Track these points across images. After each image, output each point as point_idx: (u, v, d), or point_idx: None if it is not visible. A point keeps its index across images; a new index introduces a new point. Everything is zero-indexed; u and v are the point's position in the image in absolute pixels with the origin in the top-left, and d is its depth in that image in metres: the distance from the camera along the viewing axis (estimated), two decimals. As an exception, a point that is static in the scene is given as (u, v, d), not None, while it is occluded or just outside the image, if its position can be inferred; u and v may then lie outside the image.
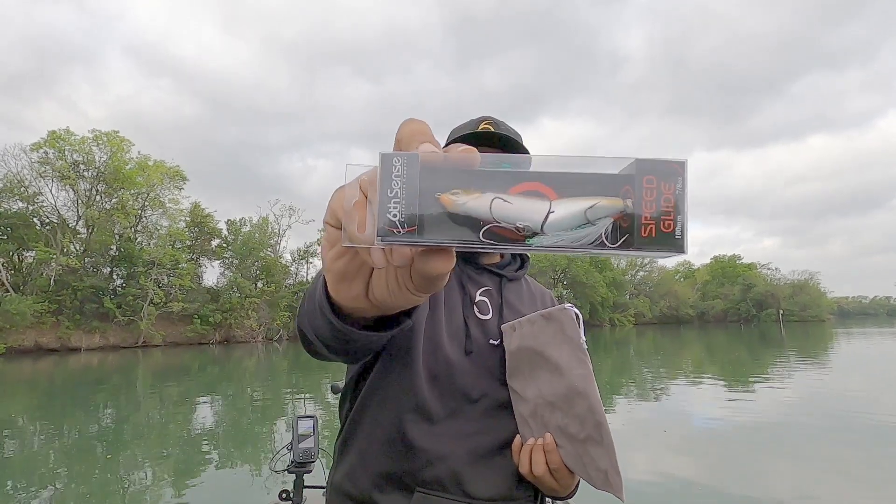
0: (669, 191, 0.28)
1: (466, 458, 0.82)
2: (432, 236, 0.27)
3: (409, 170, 0.27)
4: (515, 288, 1.00)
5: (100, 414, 8.83)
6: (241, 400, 10.14)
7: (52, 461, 5.58)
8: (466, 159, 0.28)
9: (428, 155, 0.28)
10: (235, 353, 25.73)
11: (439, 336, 0.86)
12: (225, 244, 40.83)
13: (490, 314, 0.92)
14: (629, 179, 0.27)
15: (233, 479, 4.69)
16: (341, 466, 0.89)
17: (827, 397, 8.35)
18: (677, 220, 0.28)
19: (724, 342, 26.83)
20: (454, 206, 0.27)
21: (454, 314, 0.90)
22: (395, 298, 0.36)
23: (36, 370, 18.17)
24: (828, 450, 5.16)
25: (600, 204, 0.27)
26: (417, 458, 0.82)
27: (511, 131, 0.96)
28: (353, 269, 0.36)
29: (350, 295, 0.38)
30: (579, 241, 0.27)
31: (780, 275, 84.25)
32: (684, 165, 0.28)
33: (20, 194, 31.14)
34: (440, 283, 0.34)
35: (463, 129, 0.97)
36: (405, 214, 0.27)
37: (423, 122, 0.30)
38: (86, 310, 29.93)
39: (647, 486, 4.16)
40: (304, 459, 1.95)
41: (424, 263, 0.30)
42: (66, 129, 32.10)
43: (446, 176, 0.27)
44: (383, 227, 0.27)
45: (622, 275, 72.98)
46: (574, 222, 0.27)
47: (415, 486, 0.81)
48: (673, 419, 7.03)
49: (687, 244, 0.28)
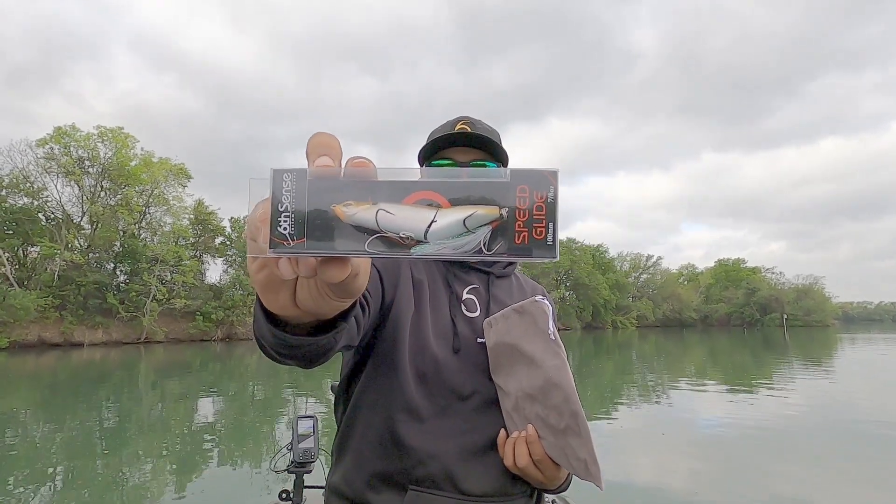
0: (541, 199, 0.29)
1: (458, 456, 0.83)
2: (322, 246, 0.29)
3: (298, 184, 0.29)
4: (505, 285, 1.00)
5: (102, 409, 8.86)
6: (242, 397, 10.16)
7: (54, 456, 5.59)
8: (361, 172, 0.29)
9: (320, 169, 0.29)
10: (237, 350, 25.78)
11: (426, 336, 0.87)
12: (228, 242, 40.95)
13: (478, 311, 0.93)
14: (504, 188, 0.29)
15: (233, 478, 4.68)
16: (338, 468, 0.90)
17: (831, 403, 8.30)
18: (549, 227, 0.29)
19: (727, 346, 26.72)
20: (345, 217, 0.29)
21: (441, 313, 0.90)
22: (320, 306, 0.38)
23: (39, 365, 18.25)
24: (831, 456, 5.12)
25: (477, 213, 0.29)
26: (409, 457, 0.82)
27: (488, 130, 0.96)
28: (275, 281, 0.37)
29: (278, 304, 0.40)
30: (460, 249, 0.29)
31: (785, 279, 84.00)
32: (555, 174, 0.30)
33: (25, 190, 31.32)
34: (352, 289, 0.35)
35: (439, 131, 0.97)
36: (294, 227, 0.29)
37: (331, 135, 0.32)
38: (89, 305, 30.07)
39: (641, 487, 4.13)
40: (304, 459, 1.95)
41: (322, 272, 0.31)
42: (72, 125, 32.29)
43: (343, 188, 0.29)
44: (273, 240, 0.29)
45: (625, 277, 72.89)
46: (454, 231, 0.29)
47: (408, 484, 0.82)
48: (673, 423, 7.00)
49: (558, 250, 0.30)
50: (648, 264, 79.50)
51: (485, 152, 0.93)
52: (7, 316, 25.82)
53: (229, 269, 40.03)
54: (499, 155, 0.94)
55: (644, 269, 79.30)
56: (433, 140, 0.94)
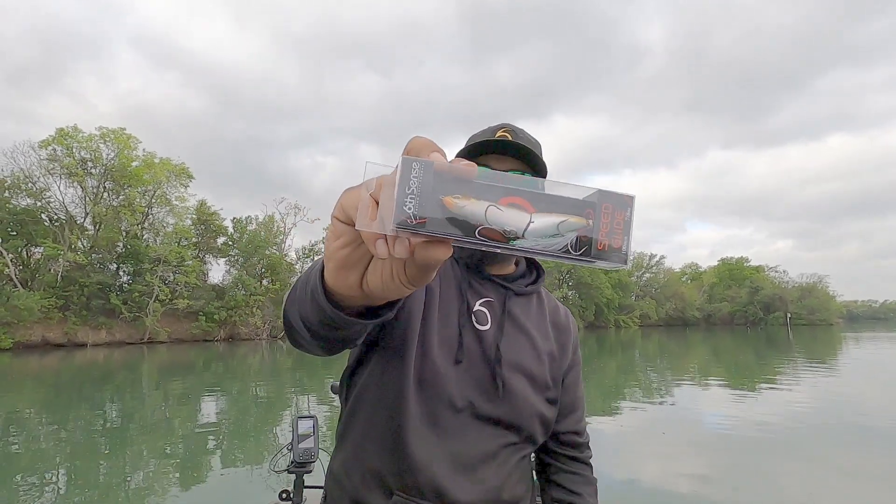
0: (621, 216, 0.36)
1: (447, 467, 0.82)
2: (436, 230, 0.33)
3: (425, 174, 0.33)
4: (523, 302, 0.98)
5: (105, 409, 8.88)
6: (244, 398, 10.17)
7: (57, 455, 5.60)
8: (467, 171, 0.34)
9: (439, 163, 0.33)
10: (240, 350, 25.85)
11: (430, 343, 0.87)
12: (230, 242, 41.04)
13: (489, 325, 0.91)
14: (591, 205, 0.36)
15: (234, 478, 4.68)
16: (339, 455, 0.92)
17: (835, 401, 8.25)
18: (625, 240, 0.36)
19: (731, 345, 26.64)
20: (455, 207, 0.33)
21: (449, 322, 0.89)
22: (387, 288, 0.41)
23: (43, 365, 18.32)
24: (834, 454, 5.09)
25: (570, 220, 0.35)
26: (401, 462, 0.82)
27: (528, 141, 0.94)
28: (355, 259, 0.41)
29: (347, 283, 0.43)
30: (551, 247, 0.35)
31: (789, 278, 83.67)
32: (633, 199, 0.37)
33: (29, 191, 31.46)
34: (431, 275, 0.39)
35: (480, 137, 0.95)
36: (417, 210, 0.33)
37: (431, 139, 0.36)
38: (92, 306, 30.19)
39: (642, 487, 4.11)
40: (304, 459, 1.94)
41: (426, 251, 0.35)
42: (74, 126, 32.39)
43: (450, 182, 0.34)
44: (400, 218, 0.32)
45: (628, 276, 72.72)
46: (549, 232, 0.35)
47: (395, 489, 0.82)
48: (674, 422, 6.97)
49: (630, 259, 0.37)
50: (651, 263, 79.37)
51: (523, 163, 0.91)
52: (11, 316, 25.94)
53: (231, 270, 40.14)
54: (537, 166, 0.92)
55: (647, 268, 79.14)
56: (474, 145, 0.93)
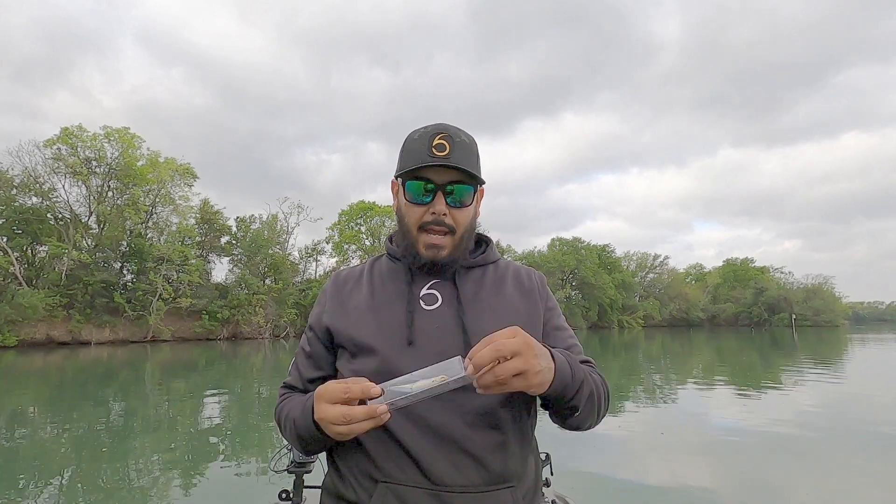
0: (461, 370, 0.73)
1: (428, 445, 0.83)
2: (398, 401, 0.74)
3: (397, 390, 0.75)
4: (476, 274, 0.99)
5: (108, 407, 8.90)
6: (246, 396, 10.18)
7: (60, 453, 5.62)
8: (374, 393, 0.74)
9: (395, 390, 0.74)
10: (242, 349, 25.90)
11: (380, 335, 0.90)
12: (234, 241, 41.14)
13: (439, 302, 0.93)
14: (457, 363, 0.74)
15: (235, 477, 4.68)
16: (333, 454, 0.94)
17: (840, 403, 8.18)
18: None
19: (735, 346, 26.50)
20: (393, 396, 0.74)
21: (394, 313, 0.92)
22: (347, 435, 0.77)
23: (47, 363, 18.41)
24: (838, 455, 5.04)
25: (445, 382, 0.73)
26: (387, 452, 0.84)
27: (465, 148, 0.90)
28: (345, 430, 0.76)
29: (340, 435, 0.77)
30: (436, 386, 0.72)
31: (794, 278, 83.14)
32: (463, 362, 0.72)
33: (34, 190, 31.63)
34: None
35: (415, 145, 0.91)
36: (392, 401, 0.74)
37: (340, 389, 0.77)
38: (96, 304, 30.33)
39: (641, 486, 4.07)
40: (304, 459, 1.93)
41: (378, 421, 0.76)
42: (79, 125, 32.58)
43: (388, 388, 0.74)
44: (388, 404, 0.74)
45: (631, 276, 72.53)
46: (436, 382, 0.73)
47: (380, 478, 0.83)
48: (674, 423, 6.92)
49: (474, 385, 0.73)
50: (655, 264, 79.15)
51: (462, 173, 0.90)
52: (16, 314, 26.09)
53: (235, 269, 40.23)
54: (475, 175, 0.91)
55: (651, 269, 78.91)
56: (405, 171, 0.90)
